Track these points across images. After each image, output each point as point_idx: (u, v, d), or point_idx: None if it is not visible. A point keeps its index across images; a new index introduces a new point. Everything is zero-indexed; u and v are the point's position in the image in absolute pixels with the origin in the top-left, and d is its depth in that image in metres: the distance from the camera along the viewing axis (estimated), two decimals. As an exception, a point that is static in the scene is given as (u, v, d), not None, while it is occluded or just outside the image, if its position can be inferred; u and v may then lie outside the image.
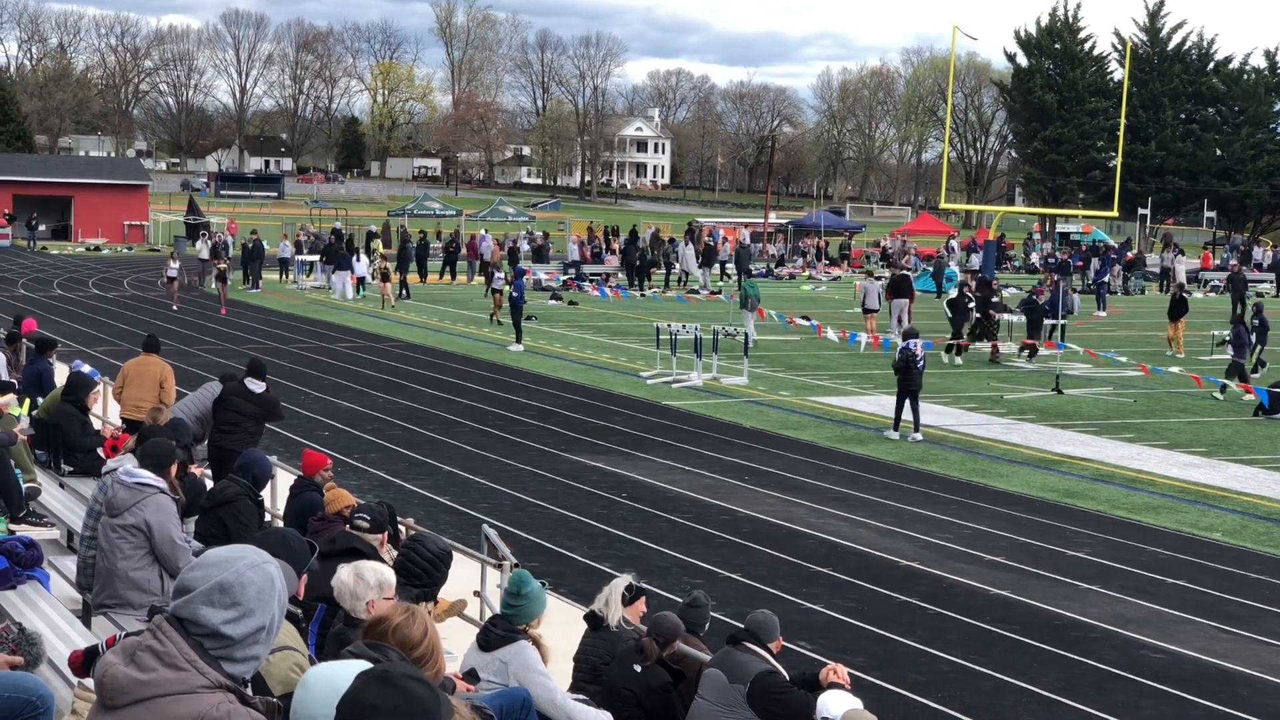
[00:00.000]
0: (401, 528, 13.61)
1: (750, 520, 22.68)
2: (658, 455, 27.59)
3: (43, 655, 7.57)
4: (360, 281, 60.51)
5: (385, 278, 56.80)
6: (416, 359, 40.65)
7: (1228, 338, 39.74)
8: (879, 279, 54.93)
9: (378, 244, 74.90)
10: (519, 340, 42.75)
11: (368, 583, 8.62)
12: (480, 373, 38.01)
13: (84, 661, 7.01)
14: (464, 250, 70.98)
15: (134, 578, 9.82)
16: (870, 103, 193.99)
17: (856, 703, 9.35)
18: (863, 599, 18.68)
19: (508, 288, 45.37)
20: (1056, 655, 16.69)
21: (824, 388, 36.74)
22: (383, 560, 9.97)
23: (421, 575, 9.86)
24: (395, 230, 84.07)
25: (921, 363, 29.95)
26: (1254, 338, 39.86)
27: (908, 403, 29.66)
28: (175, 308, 51.62)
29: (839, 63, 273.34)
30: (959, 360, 42.12)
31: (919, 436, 29.83)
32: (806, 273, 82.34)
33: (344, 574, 8.68)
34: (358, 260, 62.57)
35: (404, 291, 60.22)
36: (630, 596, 11.16)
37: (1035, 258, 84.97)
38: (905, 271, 55.83)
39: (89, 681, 6.32)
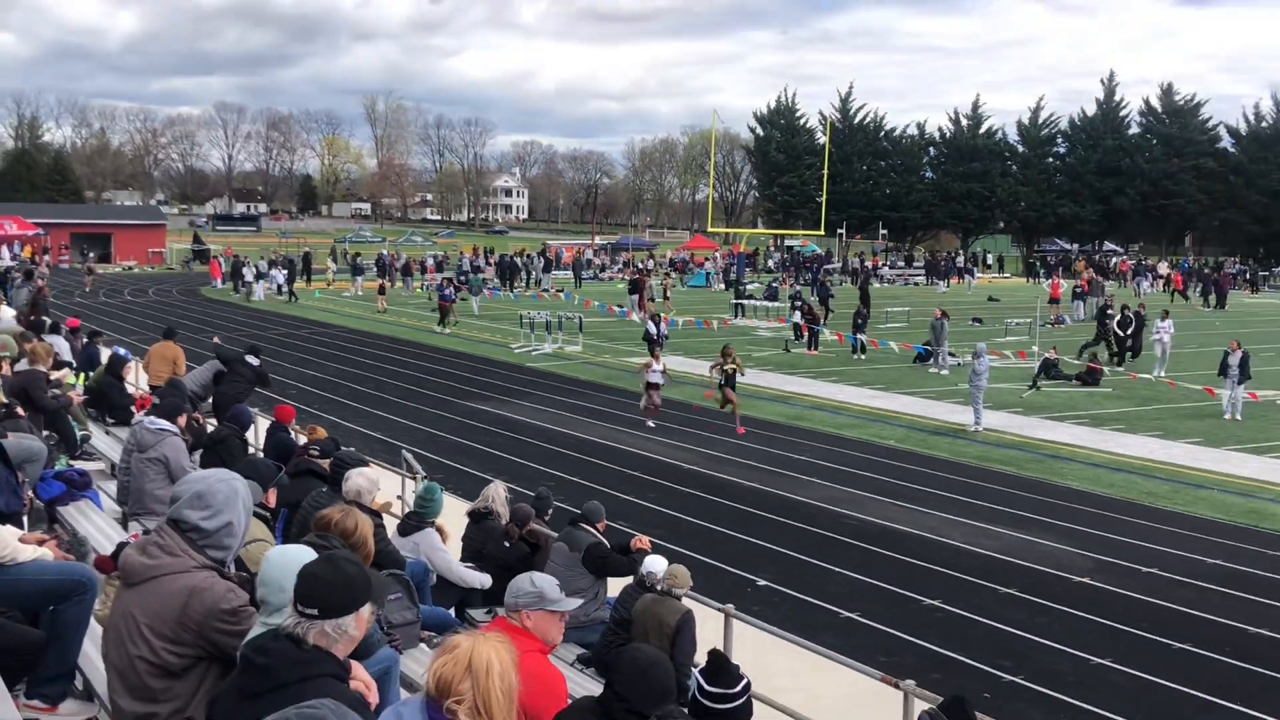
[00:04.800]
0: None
1: (586, 442, 22.70)
2: (525, 401, 27.49)
3: (90, 552, 7.37)
4: (278, 288, 57.83)
5: (382, 291, 53.37)
6: (359, 340, 40.06)
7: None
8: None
9: (329, 263, 73.05)
10: (442, 324, 42.69)
11: (375, 482, 8.56)
12: (404, 349, 37.56)
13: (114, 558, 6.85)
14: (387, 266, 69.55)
15: (157, 494, 9.57)
16: (661, 161, 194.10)
17: (665, 563, 9.34)
18: (660, 492, 18.79)
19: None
20: (788, 525, 16.94)
21: (630, 352, 36.85)
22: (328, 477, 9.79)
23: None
24: (341, 252, 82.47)
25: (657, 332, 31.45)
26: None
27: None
28: (651, 425, 24.32)
29: (640, 135, 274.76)
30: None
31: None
32: (619, 276, 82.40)
33: (360, 480, 8.53)
34: (275, 271, 60.24)
35: (292, 296, 56.39)
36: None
37: (771, 263, 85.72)
38: (637, 276, 55.98)
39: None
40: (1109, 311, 38.32)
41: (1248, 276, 79.60)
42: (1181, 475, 20.69)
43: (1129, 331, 36.75)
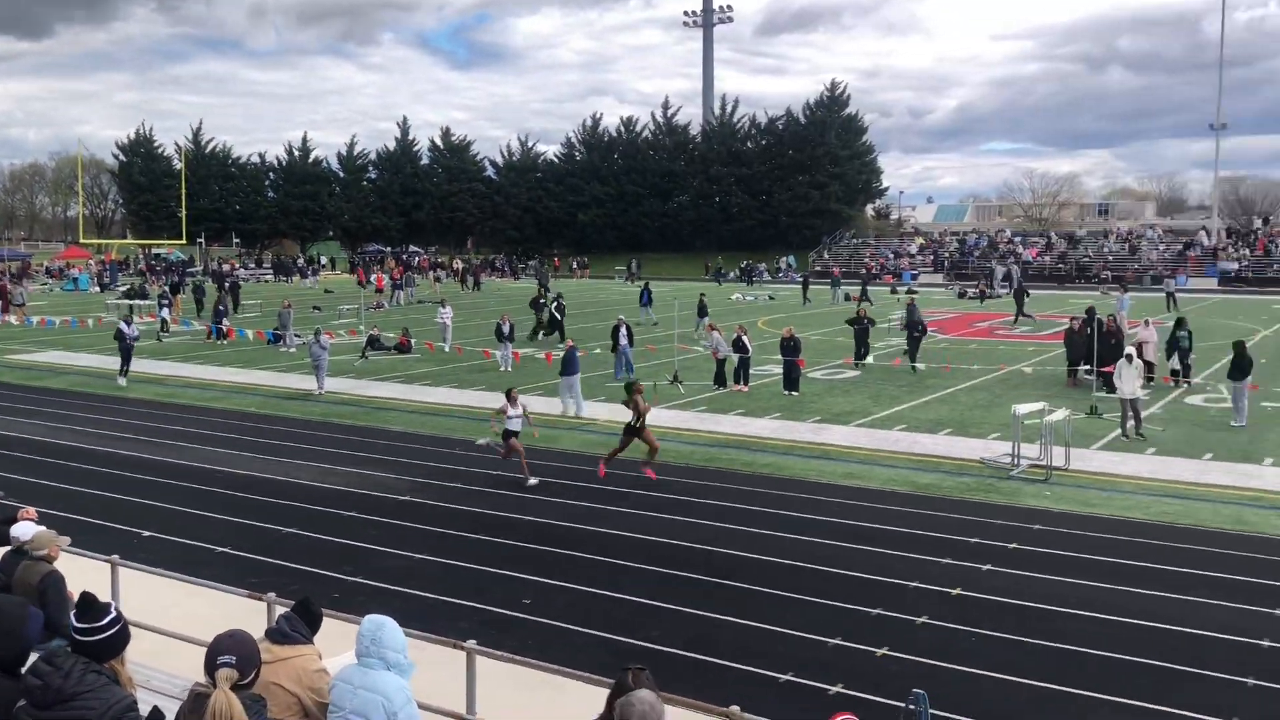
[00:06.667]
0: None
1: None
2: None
3: None
4: None
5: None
6: None
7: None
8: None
9: None
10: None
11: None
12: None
13: None
14: None
15: None
16: (31, 182, 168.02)
17: (40, 529, 8.36)
18: (54, 470, 16.72)
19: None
20: (171, 485, 15.81)
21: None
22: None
23: None
24: None
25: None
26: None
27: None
28: (533, 481, 15.77)
29: (9, 159, 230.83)
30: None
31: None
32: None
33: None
34: None
35: None
36: None
37: (142, 266, 78.20)
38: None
39: None
40: (541, 302, 37.30)
41: (510, 268, 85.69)
42: (448, 412, 21.95)
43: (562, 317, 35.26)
